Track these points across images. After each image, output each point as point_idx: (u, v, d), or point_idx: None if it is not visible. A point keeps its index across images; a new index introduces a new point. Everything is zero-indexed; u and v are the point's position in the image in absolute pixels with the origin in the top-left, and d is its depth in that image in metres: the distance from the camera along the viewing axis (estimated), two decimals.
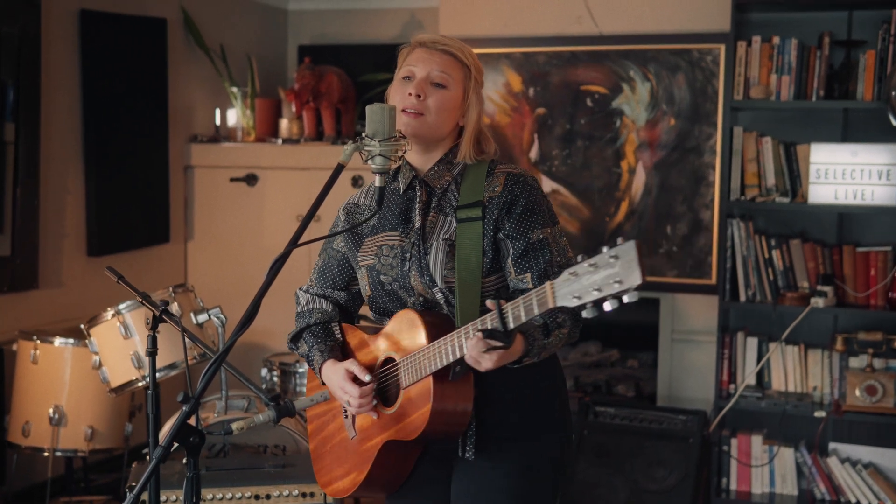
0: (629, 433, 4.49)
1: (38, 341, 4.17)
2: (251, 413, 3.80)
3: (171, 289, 3.87)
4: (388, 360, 2.36)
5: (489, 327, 2.05)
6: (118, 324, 3.79)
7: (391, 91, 2.42)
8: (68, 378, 4.18)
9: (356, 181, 5.28)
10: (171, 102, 5.40)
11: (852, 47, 4.46)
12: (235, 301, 4.22)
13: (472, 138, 2.40)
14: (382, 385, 2.37)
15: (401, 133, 2.32)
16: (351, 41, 6.13)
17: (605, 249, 1.81)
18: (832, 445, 4.58)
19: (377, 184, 2.31)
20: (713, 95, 4.75)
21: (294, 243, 2.26)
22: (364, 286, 2.44)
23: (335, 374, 2.39)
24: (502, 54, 5.07)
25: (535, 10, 5.06)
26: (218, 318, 3.85)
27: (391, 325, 2.37)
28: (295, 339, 2.56)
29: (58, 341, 4.18)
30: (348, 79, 5.53)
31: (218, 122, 5.69)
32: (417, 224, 2.38)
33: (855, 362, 4.49)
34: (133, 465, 3.52)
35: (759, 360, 4.62)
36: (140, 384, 3.82)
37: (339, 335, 2.52)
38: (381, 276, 2.39)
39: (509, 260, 2.31)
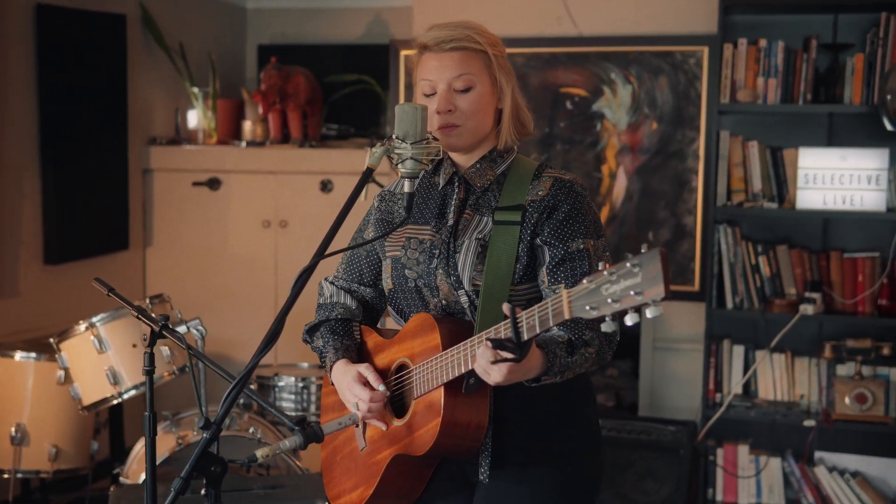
0: (617, 445, 4.36)
1: None
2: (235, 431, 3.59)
3: (147, 300, 3.66)
4: (402, 366, 2.20)
5: (501, 336, 1.88)
6: (92, 337, 3.56)
7: (417, 102, 2.25)
8: (30, 394, 3.93)
9: (325, 186, 5.09)
10: (130, 103, 5.15)
11: (839, 51, 4.39)
12: (197, 311, 4.01)
13: (510, 119, 2.26)
14: (396, 392, 2.21)
15: (433, 136, 2.16)
16: (313, 41, 5.93)
17: (628, 257, 1.67)
18: (818, 454, 4.51)
19: (406, 189, 2.15)
20: (696, 99, 4.66)
21: (321, 254, 2.08)
22: (386, 279, 2.28)
23: (345, 374, 2.22)
24: None
25: (513, 11, 4.91)
26: (197, 329, 3.61)
27: (407, 329, 2.21)
28: (311, 331, 2.38)
29: (19, 355, 3.94)
30: (315, 80, 5.34)
31: (178, 123, 5.46)
32: (451, 221, 2.21)
33: (843, 370, 4.42)
34: (111, 490, 3.30)
35: (745, 368, 4.53)
36: (115, 401, 3.59)
37: (359, 336, 2.35)
38: (407, 271, 2.23)
39: (544, 268, 2.15)
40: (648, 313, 1.65)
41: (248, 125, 5.37)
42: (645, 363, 4.84)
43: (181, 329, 3.60)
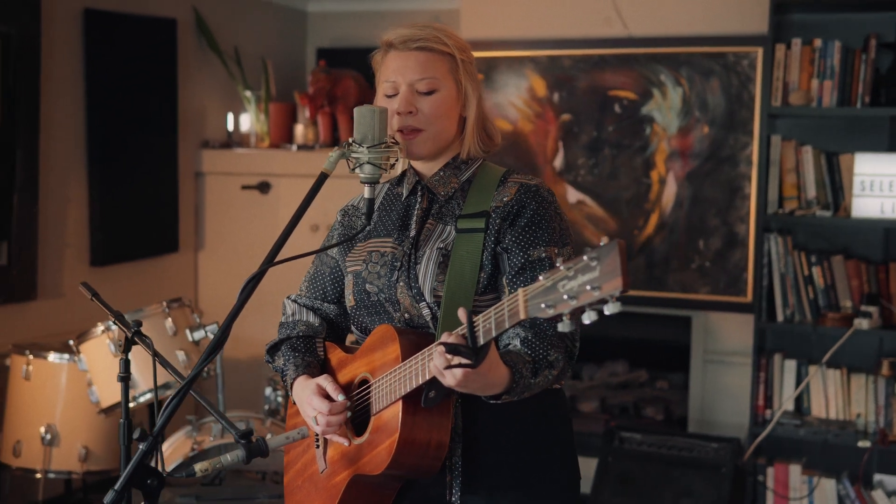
0: (657, 461, 4.20)
1: (31, 356, 3.95)
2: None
3: (165, 303, 3.64)
4: (364, 380, 2.10)
5: (451, 341, 1.77)
6: (108, 340, 3.56)
7: (377, 105, 2.15)
8: (62, 395, 3.95)
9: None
10: (182, 107, 5.18)
11: None
12: (246, 313, 3.98)
13: (475, 128, 2.15)
14: (357, 409, 2.10)
15: (392, 139, 2.07)
16: (372, 44, 5.87)
17: (587, 250, 1.54)
18: (878, 477, 4.26)
19: (365, 195, 2.07)
20: (749, 102, 4.46)
21: (270, 261, 2.02)
22: (348, 295, 2.18)
23: (305, 389, 2.12)
24: (526, 57, 4.80)
25: (561, 11, 4.78)
26: (214, 335, 3.62)
27: (369, 342, 2.10)
28: (272, 350, 2.30)
29: (52, 357, 3.96)
30: (366, 83, 5.29)
31: (231, 127, 5.47)
32: (413, 232, 2.12)
33: None
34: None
35: (797, 384, 4.32)
36: (132, 405, 3.59)
37: (322, 353, 2.26)
38: (367, 286, 2.13)
39: (504, 277, 2.04)
40: (606, 310, 1.53)
41: (299, 129, 5.35)
42: (695, 376, 4.65)
43: (198, 334, 3.62)
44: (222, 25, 5.40)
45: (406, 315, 2.08)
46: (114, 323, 2.48)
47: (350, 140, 2.05)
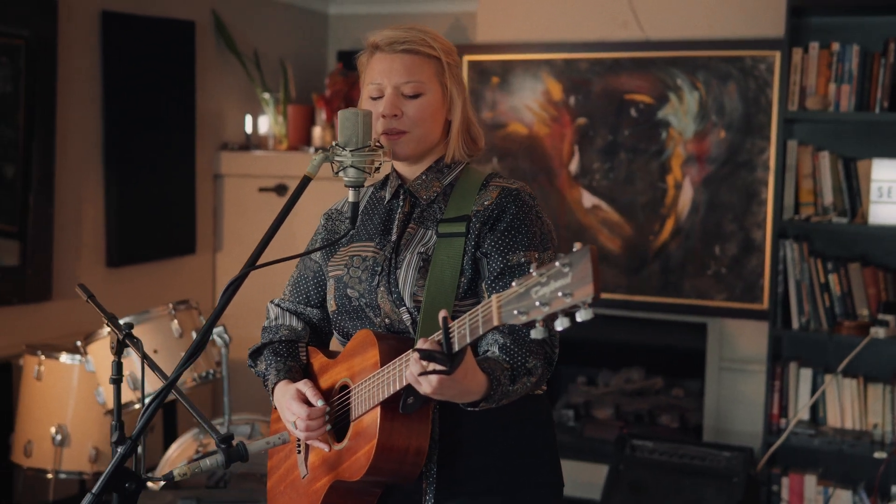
0: (668, 469, 4.15)
1: (43, 357, 3.97)
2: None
3: (171, 305, 3.65)
4: (345, 386, 2.09)
5: (426, 347, 1.75)
6: (113, 342, 3.56)
7: (362, 108, 2.13)
8: (74, 396, 3.97)
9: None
10: (200, 109, 5.20)
11: None
12: (253, 315, 3.98)
13: (460, 132, 2.13)
14: (338, 415, 2.09)
15: (377, 142, 2.05)
16: None
17: (560, 256, 1.53)
18: (895, 489, 4.19)
19: (350, 199, 2.06)
20: (767, 106, 4.40)
21: (252, 264, 2.01)
22: (330, 300, 2.17)
23: (285, 394, 2.11)
24: (542, 61, 4.77)
25: (577, 14, 4.75)
26: (221, 337, 3.63)
27: (349, 347, 2.09)
28: (255, 354, 2.29)
29: (63, 357, 3.98)
30: None
31: (249, 129, 5.48)
32: (394, 236, 2.10)
33: None
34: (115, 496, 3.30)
35: (812, 392, 4.25)
36: (136, 406, 3.60)
37: (304, 357, 2.24)
38: (349, 290, 2.12)
39: (484, 282, 2.02)
40: (579, 317, 1.51)
41: (317, 131, 5.35)
42: (711, 384, 4.59)
43: None
44: (242, 28, 5.41)
45: (387, 320, 2.07)
46: (106, 325, 2.47)
47: (334, 143, 2.04)
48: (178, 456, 3.69)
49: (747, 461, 4.10)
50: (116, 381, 2.46)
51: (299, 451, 2.18)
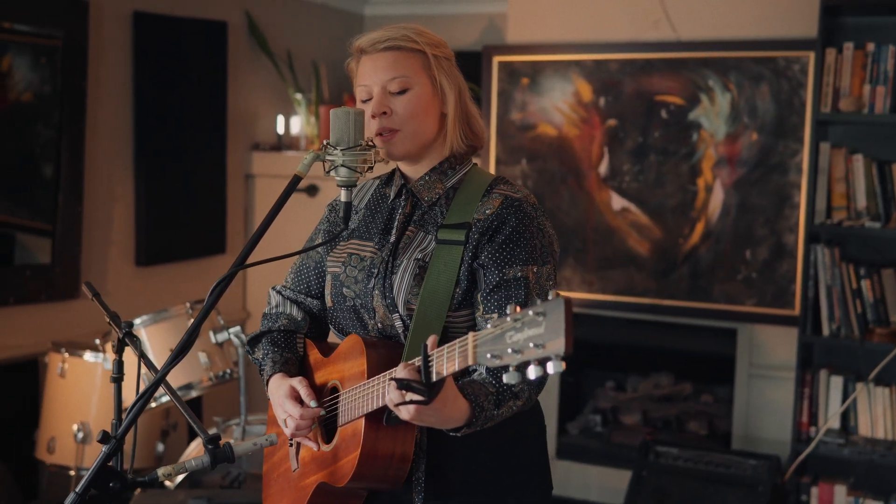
0: (692, 477, 4.08)
1: (67, 354, 4.00)
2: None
3: (188, 304, 3.65)
4: (335, 388, 2.08)
5: (403, 376, 1.72)
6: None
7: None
8: (97, 394, 4.00)
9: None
10: (232, 109, 5.22)
11: None
12: None
13: (457, 123, 2.08)
14: (330, 414, 2.07)
15: (370, 142, 2.03)
16: None
17: (536, 302, 1.49)
18: None
19: (342, 198, 2.03)
20: (800, 108, 4.31)
21: (240, 264, 1.99)
22: (327, 295, 2.15)
23: (279, 389, 2.10)
24: (572, 62, 4.72)
25: (608, 15, 4.69)
26: (238, 337, 3.63)
27: (340, 349, 2.08)
28: (253, 342, 2.28)
29: (87, 355, 4.00)
30: None
31: (281, 129, 5.49)
32: (393, 238, 2.07)
33: None
34: (136, 492, 3.31)
35: (843, 400, 4.16)
36: (153, 405, 3.61)
37: (301, 349, 2.23)
38: (345, 289, 2.10)
39: (479, 294, 1.98)
40: (549, 368, 1.47)
41: None
42: (740, 391, 4.51)
43: (221, 336, 3.62)
44: (275, 28, 5.43)
45: (380, 324, 2.04)
46: (109, 323, 2.48)
47: (326, 142, 2.01)
48: (197, 453, 3.69)
49: (773, 470, 4.02)
50: (117, 379, 2.47)
51: (291, 444, 2.18)
